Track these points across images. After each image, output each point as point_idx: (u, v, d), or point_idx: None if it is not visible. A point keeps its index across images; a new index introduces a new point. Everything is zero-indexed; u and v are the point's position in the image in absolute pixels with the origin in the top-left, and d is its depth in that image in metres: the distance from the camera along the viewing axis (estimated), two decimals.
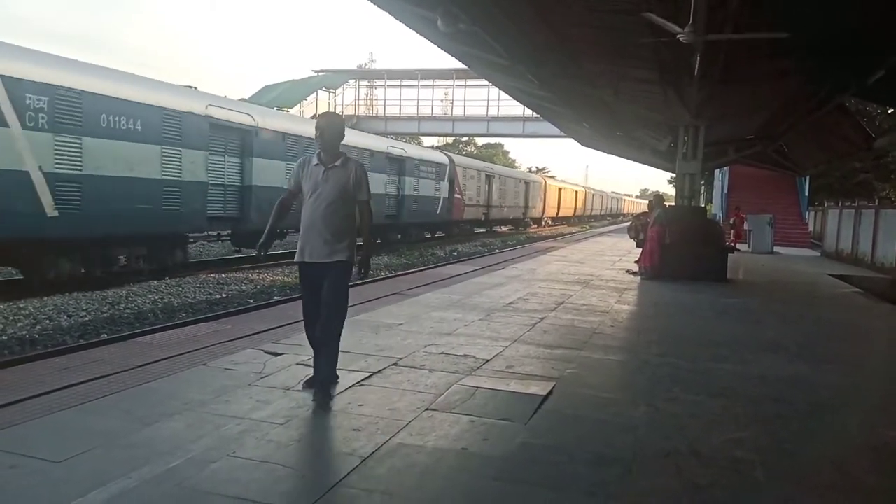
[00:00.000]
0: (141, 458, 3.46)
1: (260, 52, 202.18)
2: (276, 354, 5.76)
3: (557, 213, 53.37)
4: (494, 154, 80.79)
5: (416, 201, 25.69)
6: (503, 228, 42.20)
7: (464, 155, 54.66)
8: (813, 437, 4.40)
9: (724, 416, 4.57)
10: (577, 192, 60.23)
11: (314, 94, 53.00)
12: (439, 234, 30.22)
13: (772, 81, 12.37)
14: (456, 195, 29.57)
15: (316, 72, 57.27)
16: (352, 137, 20.50)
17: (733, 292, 12.01)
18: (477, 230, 35.56)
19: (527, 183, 44.69)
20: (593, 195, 70.24)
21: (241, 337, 6.50)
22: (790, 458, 3.89)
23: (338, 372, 4.81)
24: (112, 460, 3.43)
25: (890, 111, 28.22)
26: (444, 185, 28.39)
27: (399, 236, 25.14)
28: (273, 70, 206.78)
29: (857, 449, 4.21)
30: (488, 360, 5.85)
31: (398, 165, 24.44)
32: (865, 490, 3.50)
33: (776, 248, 23.41)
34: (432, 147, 53.89)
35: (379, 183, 21.82)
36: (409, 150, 27.12)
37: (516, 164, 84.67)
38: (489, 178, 35.69)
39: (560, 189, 54.44)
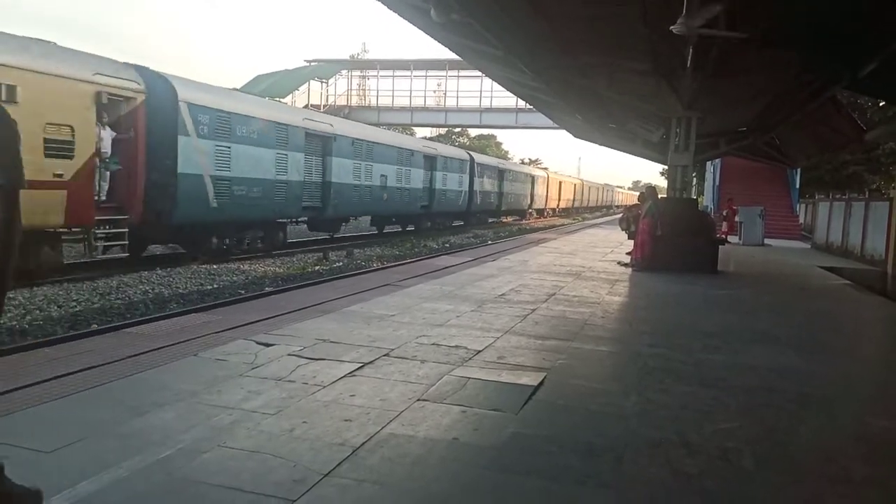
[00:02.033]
0: (132, 448, 3.45)
1: (252, 41, 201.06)
2: (268, 345, 5.75)
3: (558, 205, 55.93)
4: (487, 145, 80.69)
5: (444, 194, 29.89)
6: (508, 218, 44.80)
7: (456, 146, 55.30)
8: (803, 427, 4.43)
9: (714, 407, 4.59)
10: (574, 184, 63.26)
11: (306, 85, 52.73)
12: (457, 222, 33.96)
13: (764, 73, 12.39)
14: (475, 188, 33.45)
15: (308, 62, 56.95)
16: (395, 138, 27.59)
17: (724, 284, 12.06)
18: (491, 220, 39.53)
19: (532, 177, 47.68)
20: (589, 187, 72.06)
21: (233, 327, 6.48)
22: (780, 448, 3.91)
23: (329, 362, 4.78)
24: (102, 451, 3.42)
25: (881, 104, 28.32)
26: (466, 179, 32.20)
27: (429, 224, 29.54)
28: (265, 59, 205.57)
29: (847, 439, 4.24)
30: (480, 351, 5.86)
31: (430, 162, 28.43)
32: (855, 480, 3.53)
33: (767, 240, 23.53)
34: (425, 138, 53.84)
35: (417, 178, 26.85)
36: (440, 148, 31.59)
37: (509, 156, 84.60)
38: (501, 172, 39.58)
39: (560, 182, 57.00)
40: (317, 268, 15.64)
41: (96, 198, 12.45)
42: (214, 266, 14.78)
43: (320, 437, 3.72)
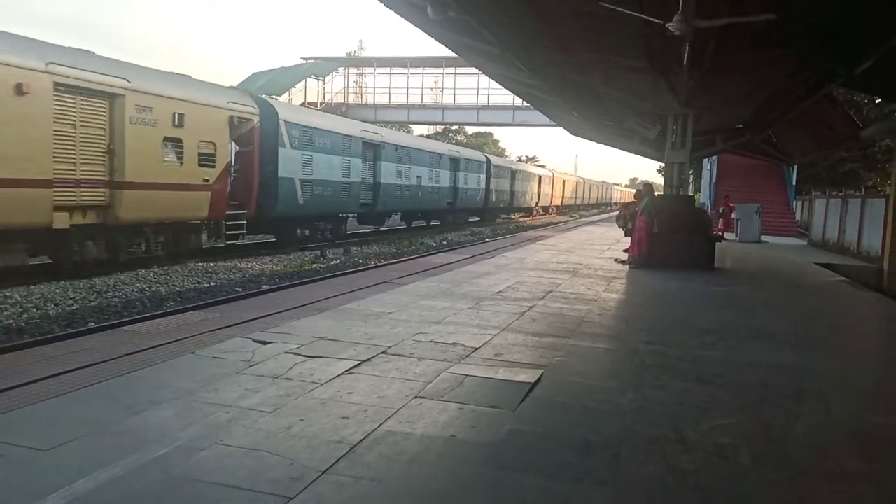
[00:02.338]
0: (128, 446, 3.45)
1: (249, 39, 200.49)
2: (265, 343, 5.75)
3: (561, 202, 58.47)
4: (484, 143, 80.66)
5: (465, 192, 33.62)
6: (515, 215, 47.31)
7: (454, 143, 56.00)
8: (799, 423, 4.44)
9: (711, 403, 4.61)
10: (574, 182, 66.00)
11: (303, 82, 52.65)
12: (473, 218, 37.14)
13: (761, 70, 12.40)
14: (491, 187, 36.81)
15: (305, 59, 56.85)
16: (427, 143, 32.47)
17: (721, 281, 12.07)
18: (503, 216, 43.11)
19: (539, 177, 50.82)
20: (589, 185, 73.92)
21: (230, 325, 6.48)
22: (776, 445, 3.92)
23: (326, 360, 4.79)
24: (99, 448, 3.42)
25: (877, 101, 28.35)
26: (483, 178, 35.71)
27: (451, 218, 33.29)
28: (262, 56, 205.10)
29: (842, 435, 4.26)
30: (477, 349, 5.86)
31: (455, 164, 32.13)
32: (851, 476, 3.54)
33: (763, 237, 23.56)
34: (422, 136, 53.99)
35: (444, 178, 30.73)
36: (462, 151, 35.96)
37: (506, 153, 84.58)
38: (513, 173, 43.28)
39: (563, 181, 59.84)
40: (314, 265, 15.62)
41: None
42: (211, 264, 14.76)
43: (317, 434, 3.72)
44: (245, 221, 16.65)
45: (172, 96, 13.88)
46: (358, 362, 5.24)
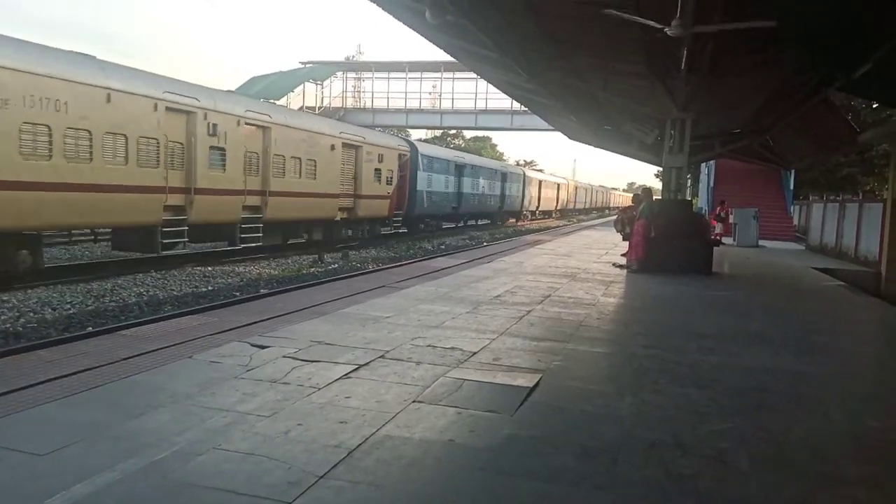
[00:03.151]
0: (126, 450, 3.44)
1: (247, 43, 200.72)
2: (263, 347, 5.75)
3: (564, 206, 61.33)
4: (482, 147, 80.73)
5: (510, 198, 41.89)
6: (513, 219, 48.71)
7: (451, 148, 56.78)
8: (797, 427, 4.44)
9: (709, 408, 4.61)
10: (575, 187, 69.12)
11: (301, 86, 52.69)
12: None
13: (758, 74, 12.44)
14: (505, 193, 42.23)
15: (303, 63, 56.87)
16: (487, 162, 43.26)
17: (719, 285, 12.08)
18: (511, 219, 47.31)
19: (539, 182, 54.03)
20: (585, 190, 77.15)
21: (228, 330, 6.47)
22: (775, 449, 3.92)
23: (325, 364, 4.79)
24: (97, 453, 3.41)
25: (875, 106, 28.42)
26: (498, 185, 40.95)
27: (499, 220, 41.70)
28: (260, 61, 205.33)
29: (840, 439, 4.26)
30: (475, 353, 5.86)
31: (503, 176, 40.85)
32: (849, 480, 3.54)
33: (761, 242, 23.58)
34: (420, 140, 54.12)
35: (496, 188, 39.36)
36: (508, 167, 46.06)
37: (504, 158, 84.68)
38: (527, 179, 48.29)
39: (569, 186, 63.35)
40: (312, 270, 15.62)
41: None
42: (209, 268, 14.76)
43: (315, 439, 3.71)
44: (401, 218, 26.18)
45: (378, 144, 23.82)
46: (356, 367, 5.23)
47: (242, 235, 16.18)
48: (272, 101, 48.30)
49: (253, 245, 16.69)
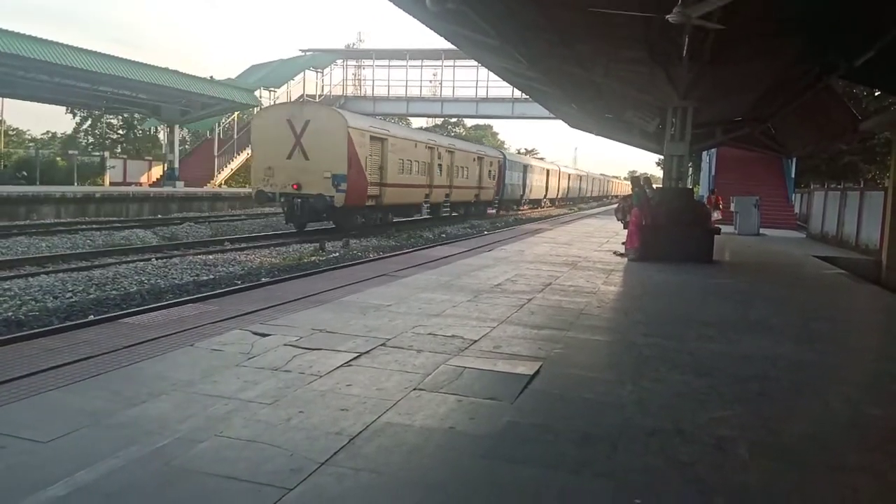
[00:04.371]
0: (128, 437, 3.46)
1: (247, 31, 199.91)
2: (264, 335, 5.76)
3: (567, 195, 61.29)
4: (483, 136, 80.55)
5: (531, 188, 47.16)
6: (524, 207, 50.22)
7: (452, 136, 56.65)
8: (797, 415, 4.46)
9: (709, 395, 4.62)
10: (580, 176, 69.93)
11: (301, 74, 52.52)
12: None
13: (760, 62, 12.38)
14: (527, 184, 46.56)
15: (303, 51, 56.67)
16: (523, 159, 50.93)
17: (719, 273, 12.09)
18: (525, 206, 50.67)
19: (547, 171, 55.12)
20: (589, 178, 76.82)
21: (229, 318, 6.49)
22: (774, 436, 3.94)
23: (326, 352, 4.80)
24: (99, 440, 3.43)
25: (877, 93, 28.30)
26: (520, 176, 45.03)
27: (523, 205, 47.27)
28: (260, 49, 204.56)
29: (840, 427, 4.27)
30: (476, 341, 5.87)
31: (525, 168, 46.45)
32: (848, 467, 3.56)
33: (762, 230, 23.56)
34: (421, 128, 54.09)
35: (518, 178, 43.61)
36: (531, 160, 53.46)
37: (505, 146, 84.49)
38: (547, 171, 53.02)
39: (570, 175, 63.54)
40: (313, 258, 15.62)
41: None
42: (210, 257, 14.76)
43: (317, 426, 3.73)
44: (497, 202, 38.35)
45: (489, 155, 36.63)
46: (357, 354, 5.24)
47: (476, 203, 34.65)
48: (272, 89, 48.40)
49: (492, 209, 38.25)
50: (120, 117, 53.53)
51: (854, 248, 19.05)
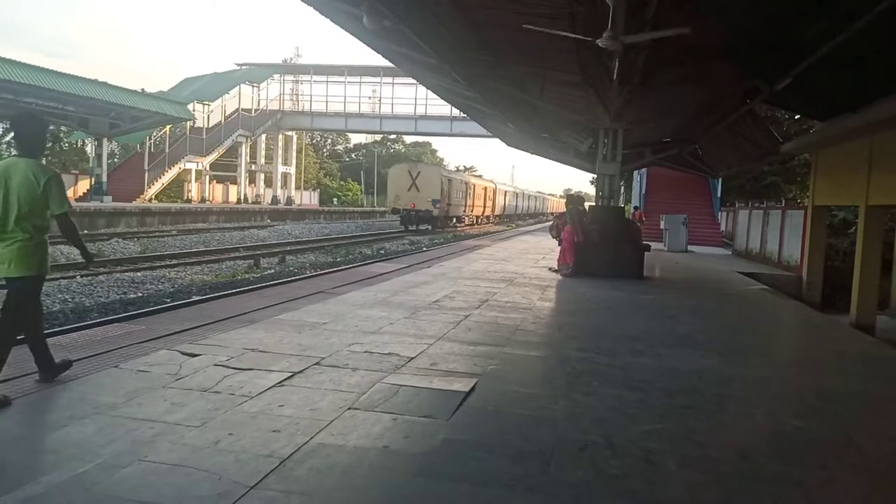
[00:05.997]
0: (48, 463, 3.31)
1: (179, 43, 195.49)
2: (193, 355, 5.60)
3: (504, 212, 64.11)
4: (423, 153, 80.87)
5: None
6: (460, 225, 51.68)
7: (392, 153, 57.85)
8: (721, 427, 4.61)
9: (640, 409, 4.73)
10: (517, 194, 74.08)
11: (237, 88, 51.72)
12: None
13: (687, 86, 12.87)
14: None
15: (239, 65, 55.89)
16: (517, 188, 76.77)
17: (649, 289, 12.42)
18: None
19: (494, 190, 60.91)
20: (526, 196, 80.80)
21: (157, 338, 6.29)
22: (700, 448, 4.06)
23: (258, 372, 4.69)
24: (18, 466, 3.27)
25: (797, 117, 29.76)
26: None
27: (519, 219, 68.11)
28: (193, 62, 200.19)
29: (762, 438, 4.43)
30: (412, 358, 5.86)
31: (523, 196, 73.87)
32: (768, 477, 3.69)
33: (690, 247, 24.33)
34: (360, 144, 54.07)
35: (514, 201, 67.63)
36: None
37: (444, 163, 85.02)
38: (485, 189, 56.50)
39: (508, 192, 67.44)
40: (247, 275, 15.33)
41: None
42: (139, 273, 14.32)
43: (247, 448, 3.64)
44: (500, 216, 56.64)
45: (487, 186, 54.67)
46: (290, 374, 5.16)
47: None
48: (206, 102, 47.41)
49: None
50: None
51: (777, 264, 19.87)
